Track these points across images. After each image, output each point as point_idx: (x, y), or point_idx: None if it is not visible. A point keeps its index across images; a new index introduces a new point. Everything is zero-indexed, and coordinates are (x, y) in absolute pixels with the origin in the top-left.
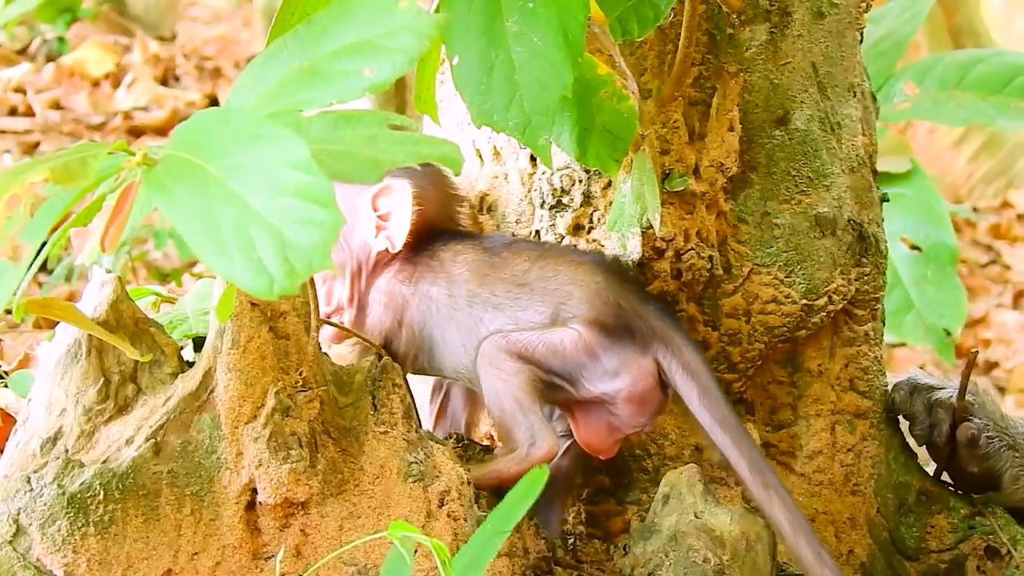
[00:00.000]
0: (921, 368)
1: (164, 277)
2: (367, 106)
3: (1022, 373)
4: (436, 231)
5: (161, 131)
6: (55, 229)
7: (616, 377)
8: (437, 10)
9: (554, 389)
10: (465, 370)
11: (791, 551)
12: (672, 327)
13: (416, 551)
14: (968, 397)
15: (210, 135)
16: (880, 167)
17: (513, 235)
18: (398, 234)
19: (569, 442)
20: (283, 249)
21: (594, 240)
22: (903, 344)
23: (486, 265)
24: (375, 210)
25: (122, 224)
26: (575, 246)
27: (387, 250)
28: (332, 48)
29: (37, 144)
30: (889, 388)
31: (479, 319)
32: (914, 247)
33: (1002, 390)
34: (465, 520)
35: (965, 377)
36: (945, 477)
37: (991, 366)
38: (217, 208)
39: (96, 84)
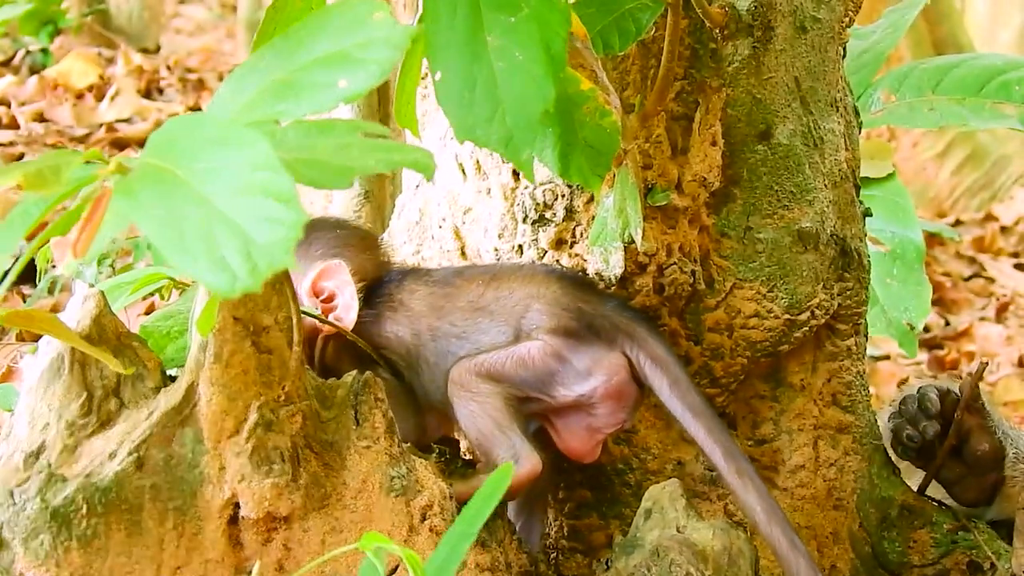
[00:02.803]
0: (904, 382)
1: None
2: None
3: (1005, 386)
4: (380, 277)
5: (144, 143)
6: (31, 237)
7: (589, 377)
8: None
9: (529, 402)
10: (439, 404)
11: (764, 538)
12: (635, 320)
13: (399, 566)
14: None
15: (181, 141)
16: (862, 172)
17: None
18: (349, 313)
19: (544, 457)
20: (246, 247)
21: (576, 255)
22: (887, 357)
23: (441, 297)
24: (317, 294)
25: (93, 232)
26: (532, 263)
27: None
28: (307, 60)
29: (21, 156)
30: (872, 403)
31: (444, 352)
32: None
33: None
34: None
35: (971, 387)
36: (931, 492)
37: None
38: (182, 209)
39: (80, 96)
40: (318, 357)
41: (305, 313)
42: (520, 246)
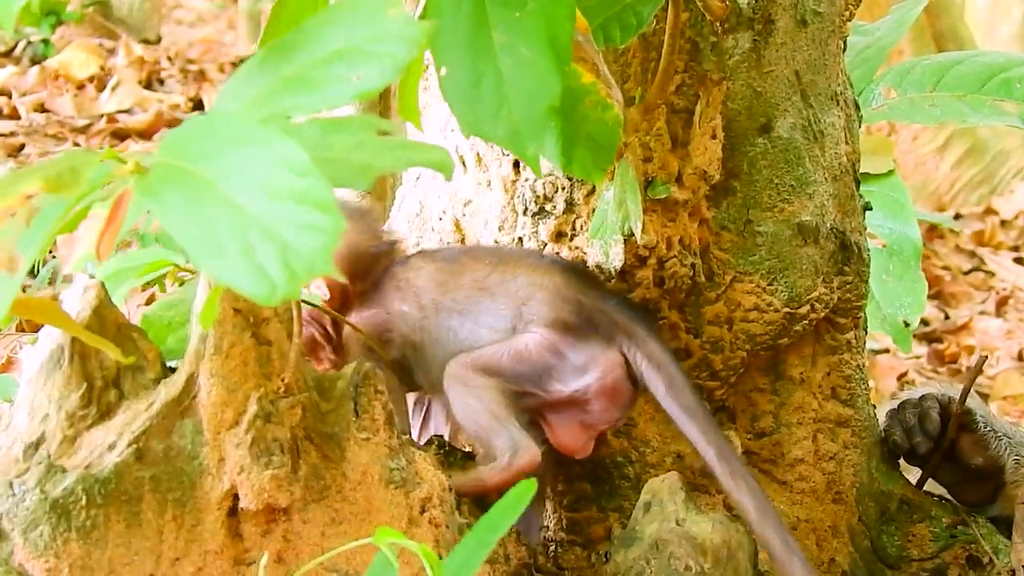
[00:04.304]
0: (903, 375)
1: (148, 281)
2: (351, 113)
3: (1005, 380)
4: (382, 255)
5: (145, 134)
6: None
7: (585, 372)
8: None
9: (525, 397)
10: (440, 382)
11: (758, 538)
12: (635, 320)
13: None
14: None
15: (201, 140)
16: (863, 167)
17: (490, 242)
18: (321, 286)
19: (543, 449)
20: (284, 254)
21: (576, 247)
22: (886, 351)
23: (446, 273)
24: None
25: (115, 233)
26: (539, 251)
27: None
28: (320, 54)
29: (22, 146)
30: (872, 396)
31: (446, 327)
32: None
33: (986, 397)
34: (447, 527)
35: (969, 382)
36: (933, 490)
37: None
38: (213, 214)
39: (81, 87)
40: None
41: (307, 303)
42: (520, 238)
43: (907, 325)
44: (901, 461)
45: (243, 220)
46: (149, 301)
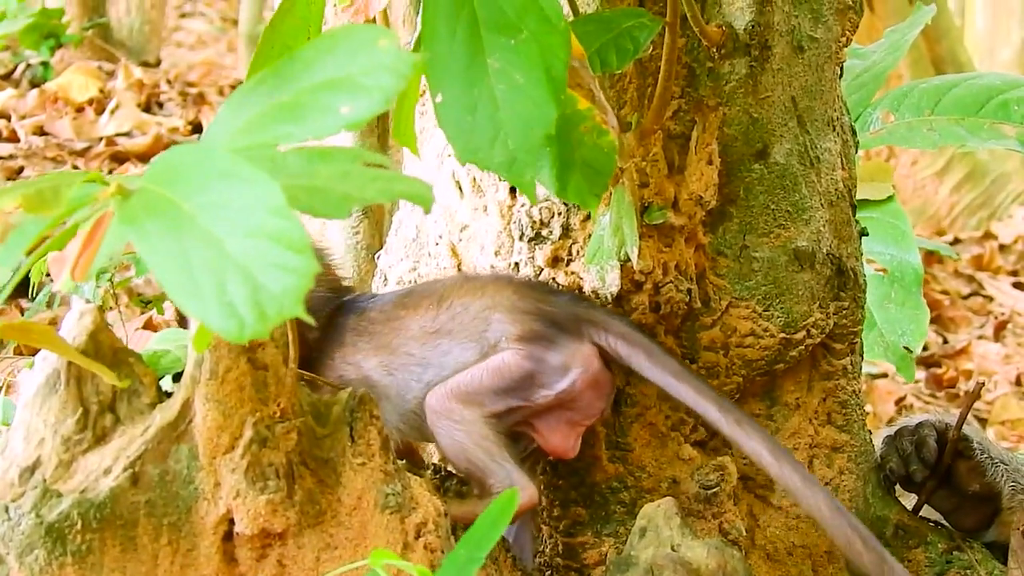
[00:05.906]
0: (902, 400)
1: (146, 304)
2: (348, 139)
3: (1003, 405)
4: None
5: (144, 157)
6: (29, 251)
7: (568, 371)
8: (416, 47)
9: (511, 413)
10: (399, 435)
11: (777, 480)
12: (593, 309)
13: None
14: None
15: (185, 171)
16: (862, 193)
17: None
18: None
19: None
20: (255, 293)
21: (572, 273)
22: (884, 375)
23: (388, 335)
24: None
25: (92, 254)
26: (472, 274)
27: None
28: (310, 83)
29: (21, 169)
30: (868, 421)
31: (407, 382)
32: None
33: (983, 422)
34: (442, 552)
35: (966, 408)
36: (929, 515)
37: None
38: (190, 247)
39: (80, 110)
40: None
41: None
42: (516, 263)
43: (909, 352)
44: (897, 486)
45: (218, 256)
46: (147, 325)
